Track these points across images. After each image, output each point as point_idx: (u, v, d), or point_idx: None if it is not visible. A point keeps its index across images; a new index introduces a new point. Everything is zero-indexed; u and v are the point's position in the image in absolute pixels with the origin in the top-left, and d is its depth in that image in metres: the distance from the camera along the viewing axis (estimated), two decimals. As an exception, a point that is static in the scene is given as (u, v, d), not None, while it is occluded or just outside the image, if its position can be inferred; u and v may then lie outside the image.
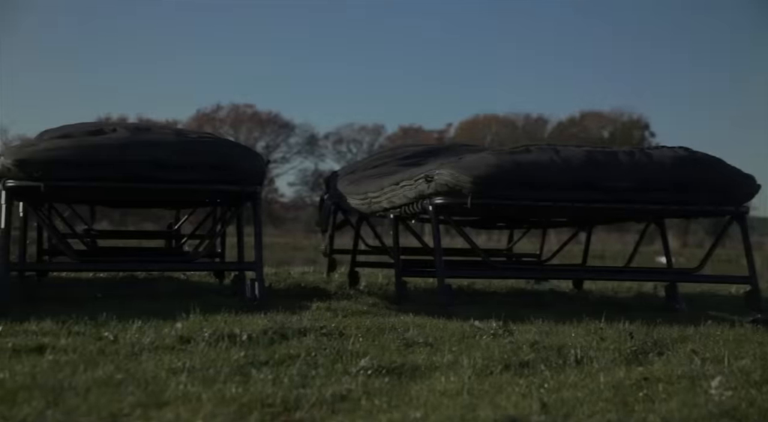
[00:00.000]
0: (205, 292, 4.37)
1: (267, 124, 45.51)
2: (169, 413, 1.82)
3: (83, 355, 2.41)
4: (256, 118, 45.27)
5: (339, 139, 46.36)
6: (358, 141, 46.46)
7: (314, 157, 46.30)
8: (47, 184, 3.31)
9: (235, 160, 3.52)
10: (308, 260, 15.96)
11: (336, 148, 46.58)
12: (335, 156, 46.44)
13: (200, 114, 45.37)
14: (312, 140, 46.03)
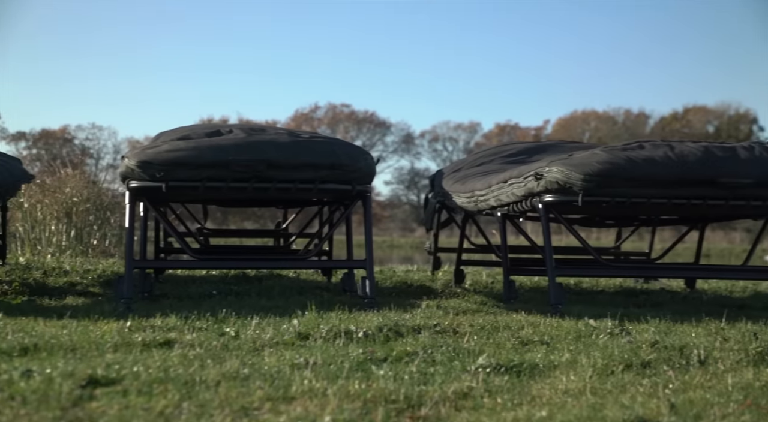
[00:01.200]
0: (314, 290, 4.45)
1: (363, 123, 45.91)
2: (298, 407, 1.86)
3: (209, 350, 2.49)
4: (352, 118, 45.72)
5: (435, 137, 46.39)
6: (454, 139, 46.38)
7: (410, 156, 46.47)
8: (168, 185, 3.43)
9: (347, 160, 3.57)
10: (405, 258, 16.06)
11: (432, 147, 46.63)
12: (431, 154, 46.49)
13: (298, 114, 46.12)
14: (408, 139, 46.19)
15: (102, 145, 42.33)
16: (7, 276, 4.57)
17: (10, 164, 4.57)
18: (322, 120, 45.83)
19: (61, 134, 41.77)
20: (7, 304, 3.49)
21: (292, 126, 41.33)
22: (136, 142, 41.51)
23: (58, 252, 7.21)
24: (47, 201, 7.48)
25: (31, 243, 7.33)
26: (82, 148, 41.18)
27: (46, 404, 1.81)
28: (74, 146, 41.37)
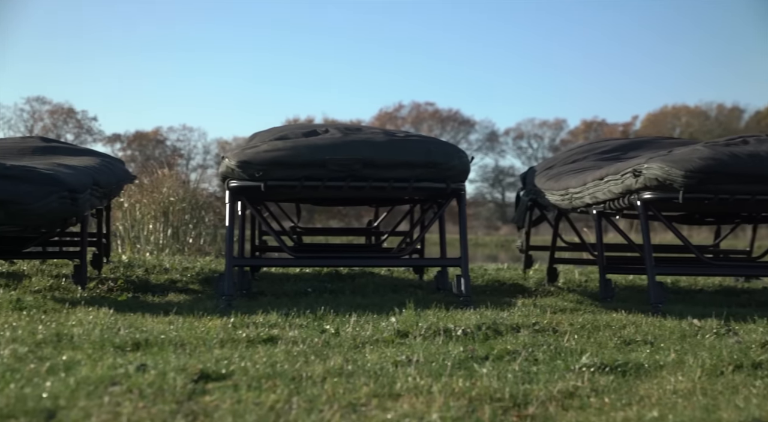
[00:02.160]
0: (407, 288, 4.47)
1: (447, 121, 45.80)
2: (405, 404, 1.88)
3: (311, 347, 2.53)
4: (436, 116, 45.67)
5: (519, 134, 45.93)
6: (539, 136, 45.83)
7: (494, 154, 46.11)
8: (267, 184, 3.49)
9: (442, 158, 3.58)
10: (489, 256, 15.97)
11: (516, 144, 46.18)
12: (515, 152, 46.06)
13: (382, 113, 46.31)
14: (492, 136, 45.87)
15: (192, 145, 43.39)
16: (112, 273, 4.74)
17: (114, 165, 4.73)
18: (406, 119, 45.90)
19: (153, 135, 42.98)
20: (114, 301, 3.62)
21: (377, 125, 41.55)
22: (225, 143, 42.42)
23: (156, 251, 7.44)
24: (145, 200, 7.72)
25: (130, 242, 7.58)
26: (174, 148, 42.29)
27: (162, 397, 1.88)
28: (166, 147, 42.52)
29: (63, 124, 39.95)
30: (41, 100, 40.43)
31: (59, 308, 3.29)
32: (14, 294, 3.58)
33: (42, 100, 40.38)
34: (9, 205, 3.32)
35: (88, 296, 3.73)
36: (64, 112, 40.39)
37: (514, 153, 46.30)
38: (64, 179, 3.53)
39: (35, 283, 3.98)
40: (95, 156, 4.73)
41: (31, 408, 1.74)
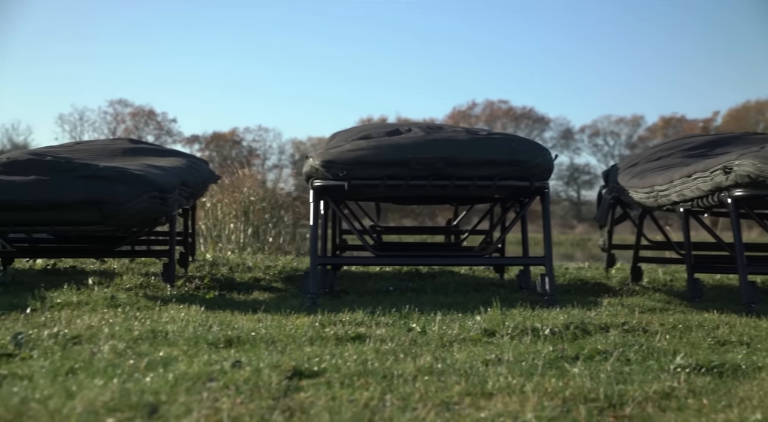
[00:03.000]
0: (489, 287, 4.45)
1: (521, 119, 45.41)
2: (498, 403, 1.87)
3: (399, 345, 2.54)
4: (510, 114, 45.32)
5: (595, 131, 45.25)
6: (616, 133, 45.06)
7: (569, 151, 45.52)
8: (350, 183, 3.52)
9: (525, 156, 3.55)
10: (565, 255, 15.73)
11: (592, 141, 45.52)
12: (591, 149, 45.40)
13: (456, 111, 46.18)
14: (567, 134, 45.32)
15: (268, 146, 44.01)
16: (198, 272, 4.84)
17: (199, 166, 4.84)
18: (480, 117, 45.68)
19: (230, 136, 43.74)
20: (202, 298, 3.70)
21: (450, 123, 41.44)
22: (299, 143, 42.94)
23: (237, 249, 7.57)
24: (226, 200, 7.87)
25: (213, 241, 7.73)
26: (250, 149, 42.97)
27: (258, 393, 1.91)
28: (242, 147, 43.23)
29: (144, 125, 41.02)
30: (123, 102, 41.61)
31: (151, 305, 3.38)
32: (108, 291, 3.69)
33: (124, 103, 41.56)
34: (103, 205, 3.43)
35: (177, 294, 3.82)
36: (145, 114, 41.47)
37: (589, 150, 45.67)
38: (154, 179, 3.63)
39: (126, 281, 4.09)
40: (181, 156, 4.85)
41: (134, 403, 1.80)
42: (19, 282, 4.14)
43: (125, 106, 41.21)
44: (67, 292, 3.60)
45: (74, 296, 3.49)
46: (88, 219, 3.48)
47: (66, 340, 2.52)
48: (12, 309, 3.17)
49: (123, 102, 41.47)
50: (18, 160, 3.53)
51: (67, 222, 3.48)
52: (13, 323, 2.87)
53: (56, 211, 3.40)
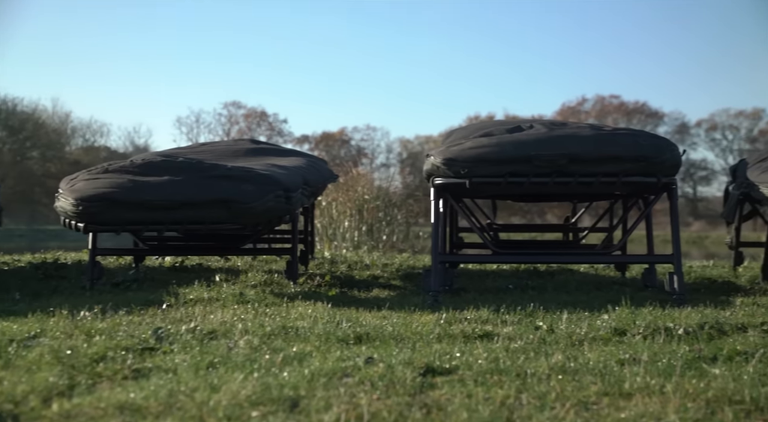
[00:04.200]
0: (611, 285, 4.35)
1: (633, 114, 44.25)
2: (638, 404, 1.83)
3: (528, 343, 2.52)
4: (622, 109, 44.24)
5: (712, 125, 43.66)
6: (735, 127, 43.35)
7: (685, 146, 44.05)
8: (472, 181, 3.51)
9: (652, 152, 3.46)
10: (682, 254, 15.24)
11: (709, 136, 43.94)
12: (708, 144, 43.84)
13: (565, 107, 45.39)
14: (682, 128, 43.90)
15: (376, 145, 44.36)
16: (318, 269, 4.93)
17: (319, 165, 4.92)
18: (590, 113, 44.75)
19: (339, 136, 44.35)
20: (324, 295, 3.76)
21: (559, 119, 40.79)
22: (407, 141, 43.11)
23: (351, 247, 7.67)
24: (341, 199, 7.98)
25: (328, 239, 7.86)
26: (358, 148, 43.43)
27: (394, 389, 1.93)
28: (351, 147, 43.73)
29: (256, 126, 42.05)
30: (237, 104, 42.80)
31: (278, 302, 3.46)
32: (236, 288, 3.79)
33: (237, 105, 42.75)
34: (231, 204, 3.53)
35: (300, 291, 3.90)
36: (257, 116, 42.52)
37: (706, 145, 44.12)
38: (279, 179, 3.71)
39: (251, 278, 4.20)
40: (301, 156, 4.94)
41: (275, 397, 1.84)
42: (150, 278, 4.31)
43: (238, 108, 42.37)
44: (198, 289, 3.72)
45: (205, 292, 3.61)
46: (217, 217, 3.59)
47: (203, 335, 2.61)
48: (148, 304, 3.30)
49: (236, 104, 42.66)
50: (152, 161, 3.68)
51: (197, 221, 3.60)
52: (152, 318, 2.99)
53: (188, 210, 3.53)
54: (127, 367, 2.14)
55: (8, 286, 3.98)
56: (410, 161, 41.03)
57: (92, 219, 3.54)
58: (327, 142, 44.02)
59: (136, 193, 3.50)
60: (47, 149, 34.49)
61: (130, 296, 3.58)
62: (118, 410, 1.74)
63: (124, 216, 3.53)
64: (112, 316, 2.98)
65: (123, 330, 2.69)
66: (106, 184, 3.55)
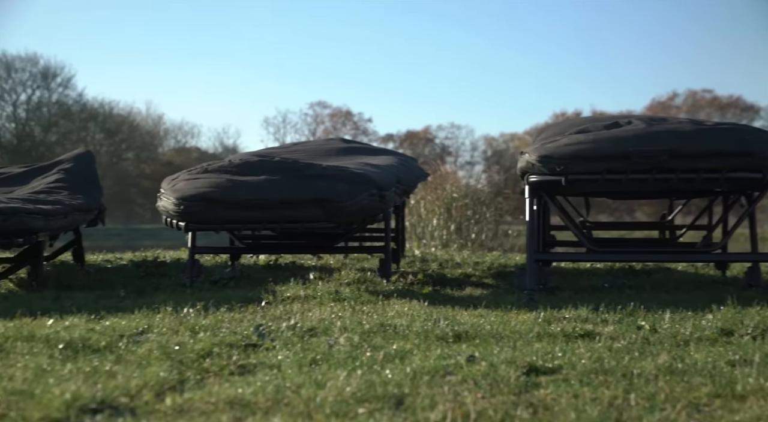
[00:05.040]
0: (711, 284, 4.23)
1: (727, 108, 42.85)
2: (753, 407, 1.77)
3: (631, 343, 2.47)
4: (715, 103, 42.89)
5: (816, 118, 41.91)
6: (837, 119, 41.52)
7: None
8: (567, 178, 3.46)
9: (758, 147, 3.35)
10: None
11: (809, 129, 42.20)
12: (808, 138, 42.09)
13: (655, 102, 44.30)
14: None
15: (460, 143, 44.14)
16: (409, 267, 4.94)
17: (410, 163, 4.93)
18: (681, 108, 43.53)
19: (423, 134, 44.28)
20: (418, 293, 3.76)
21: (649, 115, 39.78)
22: (491, 139, 42.79)
23: (440, 246, 7.67)
24: (429, 197, 7.98)
25: (417, 237, 7.87)
26: (442, 146, 43.32)
27: (498, 388, 1.92)
28: (435, 145, 43.64)
29: (341, 126, 42.39)
30: (322, 104, 43.20)
31: (374, 300, 3.48)
32: (331, 286, 3.84)
33: (323, 105, 43.14)
34: (326, 203, 3.57)
35: (394, 288, 3.91)
36: (342, 115, 42.85)
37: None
38: (373, 178, 3.74)
39: (345, 276, 4.24)
40: (393, 155, 4.96)
41: (380, 394, 1.85)
42: (246, 276, 4.40)
43: (324, 108, 42.77)
44: (294, 286, 3.77)
45: (301, 290, 3.66)
46: (313, 216, 3.64)
47: (303, 332, 2.65)
48: (248, 302, 3.37)
49: (322, 104, 43.08)
50: (249, 161, 3.75)
51: (293, 220, 3.65)
52: (252, 315, 3.05)
53: (284, 209, 3.58)
54: (233, 363, 2.19)
55: (113, 283, 4.12)
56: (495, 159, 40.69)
57: (193, 218, 3.64)
58: (411, 141, 44.03)
59: (234, 193, 3.58)
60: (141, 151, 35.58)
61: (229, 293, 3.66)
62: (228, 405, 1.78)
63: (223, 215, 3.61)
64: (213, 313, 3.05)
65: (225, 326, 2.75)
66: (206, 183, 3.64)
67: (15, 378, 1.96)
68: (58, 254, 4.83)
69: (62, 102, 33.54)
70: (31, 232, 3.73)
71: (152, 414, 1.73)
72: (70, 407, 1.72)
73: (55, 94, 33.37)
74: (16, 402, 1.76)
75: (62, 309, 3.15)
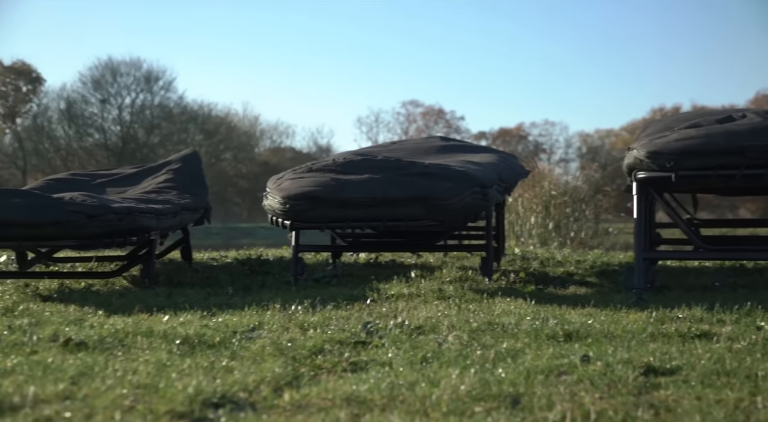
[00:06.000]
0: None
1: (843, 99, 40.92)
2: None
3: (752, 344, 2.38)
4: (828, 93, 41.01)
5: None
6: None
7: None
8: (678, 174, 3.36)
9: None
10: None
11: None
12: None
13: (759, 95, 42.65)
14: None
15: (554, 140, 43.51)
16: (510, 266, 4.89)
17: (510, 161, 4.88)
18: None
19: (516, 131, 43.83)
20: (521, 292, 3.72)
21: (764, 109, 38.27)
22: (586, 136, 42.04)
23: (538, 244, 7.58)
24: (527, 195, 7.89)
25: (514, 235, 7.79)
26: (536, 143, 42.79)
27: (616, 389, 1.88)
28: (528, 142, 43.14)
29: (434, 124, 42.36)
30: (414, 103, 43.27)
31: (478, 298, 3.46)
32: (434, 284, 3.83)
33: (415, 103, 43.21)
34: (430, 201, 3.57)
35: (496, 287, 3.88)
36: (434, 113, 42.83)
37: None
38: (476, 176, 3.71)
39: (446, 275, 4.23)
40: (493, 152, 4.93)
41: (495, 393, 1.84)
42: (348, 274, 4.43)
43: (416, 107, 42.81)
44: (397, 285, 3.79)
45: (404, 288, 3.67)
46: (416, 214, 3.64)
47: (411, 330, 2.65)
48: (353, 299, 3.40)
49: (414, 102, 43.12)
50: (352, 160, 3.79)
51: (396, 218, 3.67)
52: (359, 313, 3.07)
53: (387, 208, 3.60)
54: (344, 360, 2.21)
55: (219, 281, 4.22)
56: (590, 155, 39.94)
57: (298, 216, 3.69)
58: (504, 138, 43.62)
59: (338, 191, 3.62)
60: (239, 151, 36.33)
61: (334, 291, 3.70)
62: (344, 401, 1.80)
63: (328, 214, 3.65)
64: (321, 310, 3.09)
65: (334, 324, 2.78)
66: (311, 182, 3.68)
67: (139, 372, 2.03)
68: (167, 252, 4.98)
69: (164, 104, 34.64)
70: (144, 231, 3.85)
71: (272, 410, 1.76)
72: (193, 401, 1.77)
73: (157, 97, 34.48)
74: (142, 395, 1.82)
75: (175, 305, 3.25)
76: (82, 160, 32.14)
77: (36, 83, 34.54)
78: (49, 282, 4.04)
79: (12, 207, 3.55)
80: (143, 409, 1.71)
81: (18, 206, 3.56)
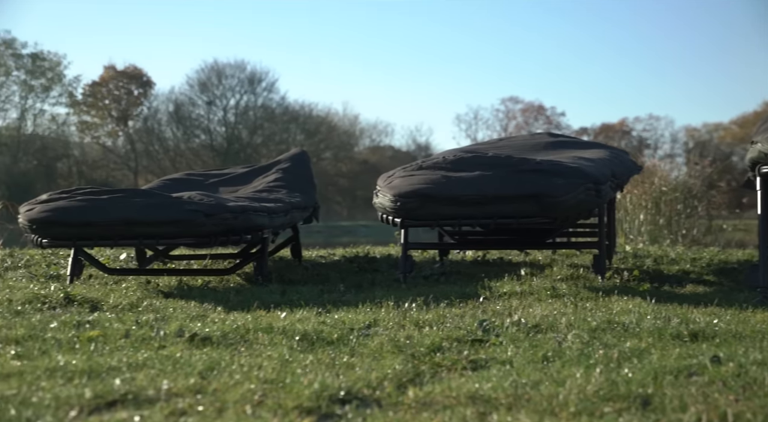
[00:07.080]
0: None
1: None
2: None
3: None
4: None
5: None
6: None
7: None
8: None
9: None
10: None
11: None
12: None
13: None
14: None
15: (659, 135, 42.33)
16: (622, 263, 4.78)
17: (622, 157, 4.77)
18: None
19: (619, 127, 42.82)
20: (636, 290, 3.63)
21: None
22: (693, 130, 40.73)
23: (648, 241, 7.37)
24: (636, 191, 7.69)
25: (623, 232, 7.61)
26: (640, 138, 41.73)
27: (752, 391, 1.81)
28: (632, 138, 42.10)
29: (534, 120, 41.82)
30: (514, 99, 42.80)
31: (592, 296, 3.39)
32: (546, 282, 3.78)
33: (515, 100, 42.73)
34: (542, 198, 3.51)
35: (611, 285, 3.79)
36: (534, 110, 42.27)
37: None
38: (589, 172, 3.64)
39: (557, 272, 4.16)
40: (604, 148, 4.82)
41: (623, 393, 1.80)
42: (456, 272, 4.42)
43: (516, 103, 42.34)
44: (509, 282, 3.75)
45: (516, 286, 3.63)
46: (527, 211, 3.60)
47: (528, 328, 2.62)
48: (465, 297, 3.38)
49: (514, 99, 42.65)
50: (462, 157, 3.77)
51: (507, 215, 3.63)
52: (473, 310, 3.05)
53: (499, 205, 3.56)
54: (464, 358, 2.20)
55: (330, 278, 4.27)
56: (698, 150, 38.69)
57: (409, 214, 3.70)
58: (606, 134, 42.67)
59: (449, 189, 3.60)
60: (339, 150, 36.77)
61: (444, 288, 3.68)
62: (469, 400, 1.79)
63: (438, 211, 3.64)
64: (434, 308, 3.09)
65: (449, 321, 2.77)
66: (421, 180, 3.68)
67: (264, 367, 2.07)
68: (278, 250, 5.07)
69: (266, 105, 35.40)
70: (257, 229, 3.93)
71: (397, 407, 1.77)
72: (320, 397, 1.79)
73: (260, 98, 35.27)
74: (269, 390, 1.85)
75: (291, 302, 3.30)
76: (189, 161, 33.16)
77: (146, 87, 35.83)
78: (167, 278, 4.18)
79: (133, 206, 3.68)
80: (272, 404, 1.74)
81: (139, 205, 3.68)
